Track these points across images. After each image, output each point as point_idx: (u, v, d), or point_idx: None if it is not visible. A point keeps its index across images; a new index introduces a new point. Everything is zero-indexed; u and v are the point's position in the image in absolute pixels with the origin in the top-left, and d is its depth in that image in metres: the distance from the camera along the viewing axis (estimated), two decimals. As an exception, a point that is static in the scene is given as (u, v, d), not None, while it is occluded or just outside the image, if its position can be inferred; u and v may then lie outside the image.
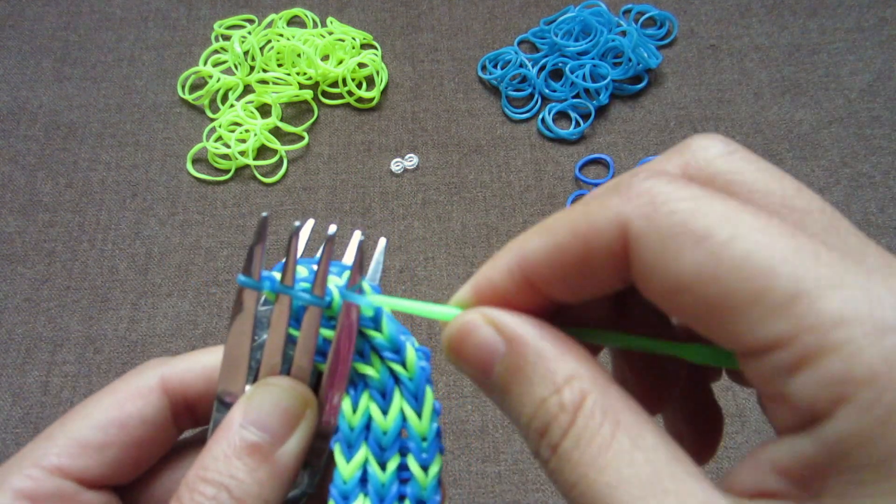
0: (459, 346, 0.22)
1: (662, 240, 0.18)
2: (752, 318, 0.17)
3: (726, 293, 0.17)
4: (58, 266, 0.64)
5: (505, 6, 0.79)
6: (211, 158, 0.69)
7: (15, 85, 0.75)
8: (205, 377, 0.28)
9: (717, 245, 0.17)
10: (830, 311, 0.16)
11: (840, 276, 0.16)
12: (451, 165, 0.68)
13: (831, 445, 0.16)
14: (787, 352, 0.16)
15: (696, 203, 0.18)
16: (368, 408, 0.25)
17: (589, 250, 0.20)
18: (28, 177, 0.69)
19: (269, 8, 0.79)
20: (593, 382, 0.20)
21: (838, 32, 0.76)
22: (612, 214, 0.19)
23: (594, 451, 0.19)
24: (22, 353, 0.59)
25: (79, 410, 0.26)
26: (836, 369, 0.15)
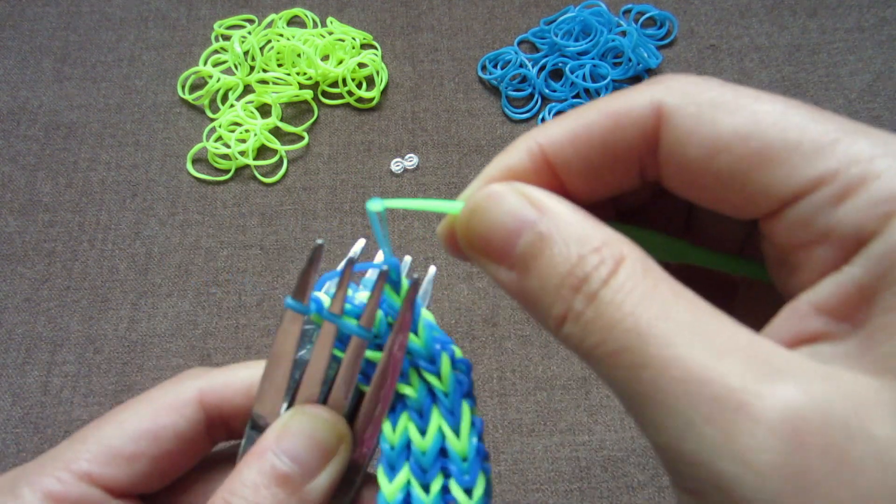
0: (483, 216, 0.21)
1: (700, 108, 0.19)
2: (793, 163, 0.18)
3: (767, 145, 0.18)
4: (58, 266, 0.64)
5: (505, 6, 0.79)
6: (211, 158, 0.69)
7: (15, 85, 0.75)
8: (243, 392, 0.27)
9: (752, 110, 0.19)
10: (868, 149, 0.17)
11: (864, 129, 0.18)
12: (451, 165, 0.68)
13: (881, 259, 0.16)
14: (831, 186, 0.17)
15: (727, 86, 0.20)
16: (407, 428, 0.24)
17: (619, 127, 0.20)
18: (28, 177, 0.69)
19: (269, 8, 0.79)
20: (632, 246, 0.20)
21: (838, 32, 0.76)
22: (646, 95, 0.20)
23: (639, 294, 0.18)
24: (22, 353, 0.59)
25: (115, 415, 0.26)
26: (882, 189, 0.17)
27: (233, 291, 0.62)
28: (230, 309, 0.61)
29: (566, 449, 0.54)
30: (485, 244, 0.21)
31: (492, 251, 0.21)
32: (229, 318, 0.61)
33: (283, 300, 0.61)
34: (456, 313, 0.60)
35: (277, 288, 0.62)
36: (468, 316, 0.60)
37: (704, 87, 0.20)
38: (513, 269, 0.20)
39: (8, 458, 0.55)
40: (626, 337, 0.18)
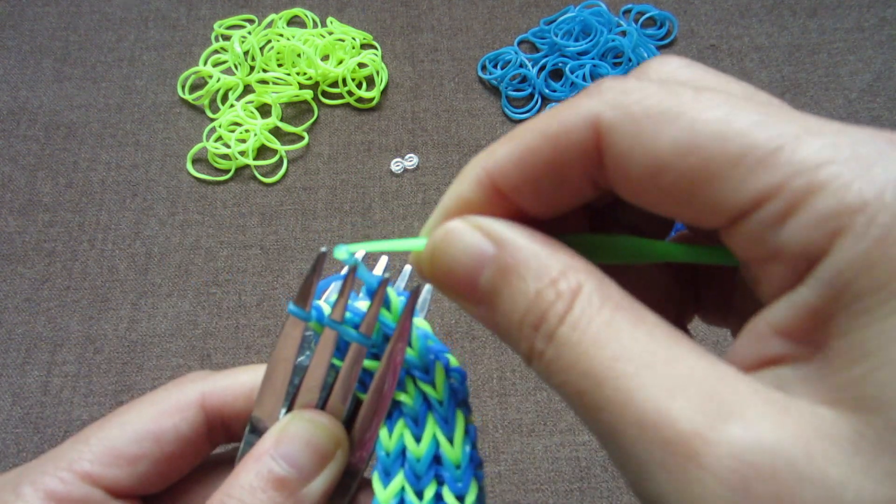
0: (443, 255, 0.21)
1: (636, 124, 0.18)
2: (735, 178, 0.17)
3: (707, 160, 0.17)
4: (58, 266, 0.64)
5: (505, 6, 0.79)
6: (211, 158, 0.69)
7: (15, 85, 0.75)
8: (244, 396, 0.28)
9: (691, 119, 0.17)
10: (813, 155, 0.16)
11: (815, 128, 0.17)
12: (451, 165, 0.68)
13: (832, 281, 0.15)
14: (775, 202, 0.16)
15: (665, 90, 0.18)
16: (402, 435, 0.24)
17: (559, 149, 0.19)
18: (28, 177, 0.69)
19: (269, 8, 0.79)
20: (588, 273, 0.19)
21: (838, 32, 0.76)
22: (581, 111, 0.19)
23: (594, 331, 0.18)
24: (22, 353, 0.59)
25: (117, 416, 0.27)
26: (826, 205, 0.15)
27: (233, 291, 0.62)
28: (230, 309, 0.61)
29: (566, 449, 0.54)
30: (450, 282, 0.21)
31: (458, 289, 0.21)
32: (229, 318, 0.61)
33: (283, 300, 0.61)
34: (456, 313, 0.60)
35: (277, 288, 0.62)
36: (468, 316, 0.60)
37: (640, 95, 0.18)
38: (480, 304, 0.20)
39: (8, 458, 0.55)
40: (583, 381, 0.17)
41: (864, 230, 0.15)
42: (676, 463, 0.16)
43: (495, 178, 0.21)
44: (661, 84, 0.19)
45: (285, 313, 0.27)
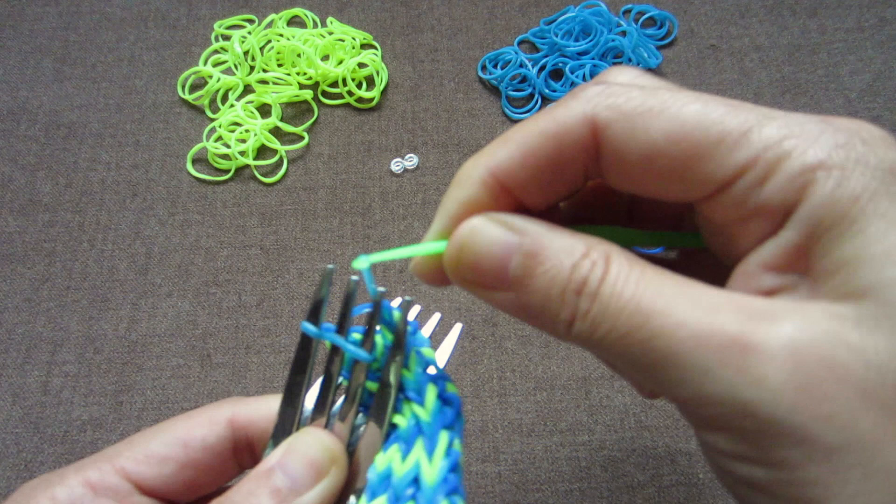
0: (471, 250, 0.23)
1: (630, 120, 0.22)
2: (719, 156, 0.21)
3: (695, 144, 0.21)
4: (58, 266, 0.64)
5: (505, 6, 0.79)
6: (211, 158, 0.69)
7: (15, 85, 0.75)
8: (267, 419, 0.30)
9: (675, 112, 0.21)
10: (775, 133, 0.21)
11: (770, 114, 0.21)
12: (451, 165, 0.68)
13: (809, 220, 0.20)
14: (754, 171, 0.21)
15: (645, 91, 0.22)
16: (392, 457, 0.25)
17: (561, 147, 0.23)
18: (28, 177, 0.69)
19: (269, 8, 0.79)
20: (611, 245, 0.22)
21: (838, 32, 0.76)
22: (577, 112, 0.22)
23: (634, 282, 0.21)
24: (22, 353, 0.59)
25: (161, 425, 0.30)
26: (793, 167, 0.20)
27: (233, 291, 0.62)
28: (230, 309, 0.61)
29: (566, 449, 0.54)
30: (478, 275, 0.23)
31: (486, 280, 0.23)
32: (229, 318, 0.61)
33: (283, 300, 0.61)
34: (456, 313, 0.60)
35: (277, 288, 0.62)
36: (468, 316, 0.60)
37: (627, 97, 0.22)
38: (510, 290, 0.23)
39: (8, 458, 0.55)
40: (633, 319, 0.20)
41: (823, 180, 0.20)
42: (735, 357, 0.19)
43: (501, 176, 0.23)
44: (638, 88, 0.22)
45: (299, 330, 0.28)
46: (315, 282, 0.23)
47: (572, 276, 0.21)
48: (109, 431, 0.56)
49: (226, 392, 0.57)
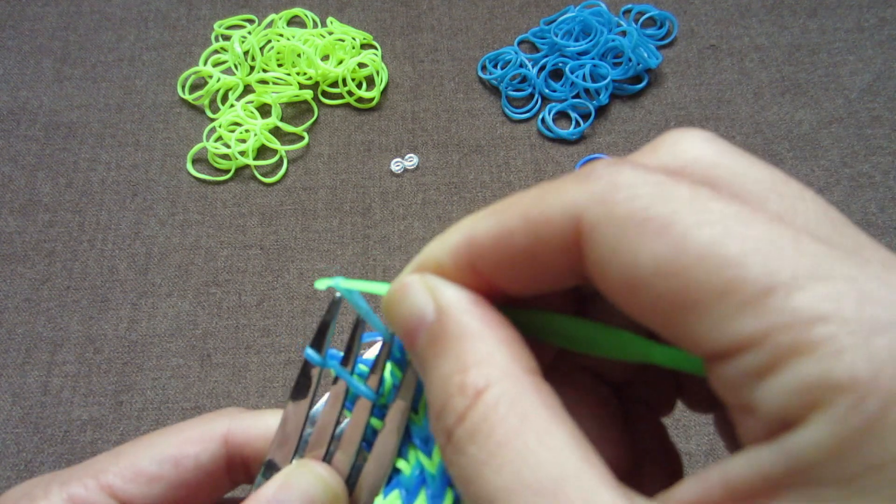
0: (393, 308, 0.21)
1: (619, 229, 0.16)
2: (717, 316, 0.15)
3: (689, 288, 0.15)
4: (58, 266, 0.64)
5: (505, 6, 0.79)
6: (211, 158, 0.69)
7: (15, 85, 0.75)
8: (264, 437, 0.28)
9: (680, 234, 0.15)
10: (809, 306, 0.14)
11: (825, 266, 0.14)
12: (451, 165, 0.68)
13: (796, 457, 0.14)
14: (757, 353, 0.14)
15: (660, 188, 0.16)
16: None
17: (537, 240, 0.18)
18: (28, 177, 0.69)
19: (269, 8, 0.79)
20: (506, 371, 0.18)
21: (838, 32, 0.76)
22: (566, 201, 0.17)
23: (492, 447, 0.17)
24: (22, 353, 0.59)
25: (149, 437, 0.28)
26: (811, 372, 0.14)
27: (233, 291, 0.62)
28: (230, 309, 0.61)
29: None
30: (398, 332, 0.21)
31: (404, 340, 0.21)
32: (229, 318, 0.61)
33: (283, 300, 0.61)
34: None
35: (277, 288, 0.62)
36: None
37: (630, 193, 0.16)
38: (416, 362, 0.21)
39: (8, 458, 0.55)
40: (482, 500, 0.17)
41: (845, 413, 0.13)
42: None
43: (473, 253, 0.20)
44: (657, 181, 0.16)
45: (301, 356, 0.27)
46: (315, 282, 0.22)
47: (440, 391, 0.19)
48: (109, 431, 0.56)
49: (226, 392, 0.57)
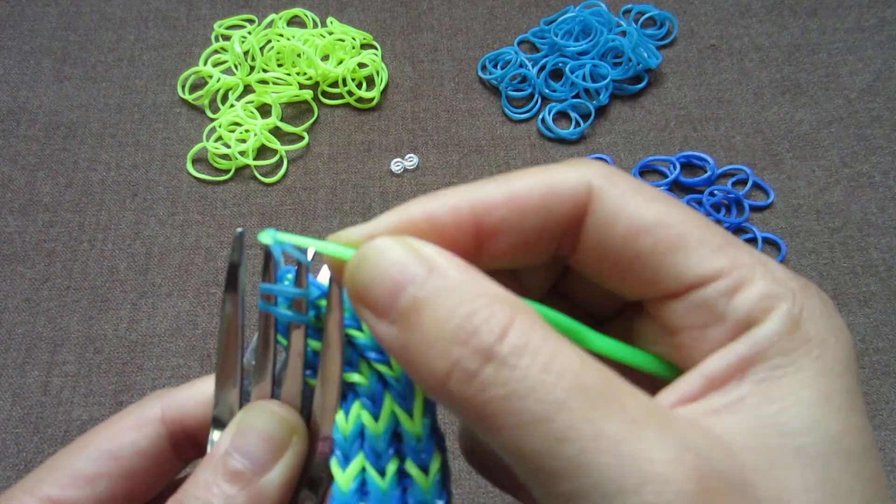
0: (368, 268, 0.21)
1: (624, 192, 0.22)
2: (700, 254, 0.21)
3: (684, 234, 0.21)
4: (58, 266, 0.64)
5: (505, 6, 0.79)
6: (211, 158, 0.69)
7: (15, 85, 0.75)
8: (204, 405, 0.27)
9: (668, 203, 0.22)
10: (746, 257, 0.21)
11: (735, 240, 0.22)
12: (451, 165, 0.68)
13: (759, 341, 0.20)
14: (727, 279, 0.21)
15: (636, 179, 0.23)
16: (360, 415, 0.24)
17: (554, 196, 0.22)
18: (28, 177, 0.69)
19: (269, 8, 0.79)
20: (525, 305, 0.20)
21: (838, 32, 0.76)
22: (577, 171, 0.22)
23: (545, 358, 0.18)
24: (22, 353, 0.59)
25: (79, 441, 0.27)
26: (763, 289, 0.21)
27: (233, 291, 0.62)
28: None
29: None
30: (368, 296, 0.21)
31: (374, 304, 0.20)
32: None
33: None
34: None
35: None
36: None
37: (624, 175, 0.22)
38: (394, 323, 0.20)
39: (8, 458, 0.55)
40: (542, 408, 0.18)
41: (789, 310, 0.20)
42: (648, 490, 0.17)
43: (479, 208, 0.22)
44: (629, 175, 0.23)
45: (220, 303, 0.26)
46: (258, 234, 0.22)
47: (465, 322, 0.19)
48: (109, 431, 0.56)
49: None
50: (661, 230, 0.21)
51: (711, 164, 0.66)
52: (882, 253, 0.63)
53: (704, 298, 0.21)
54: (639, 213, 0.22)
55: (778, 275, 0.21)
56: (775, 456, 0.19)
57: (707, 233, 0.22)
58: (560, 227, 0.22)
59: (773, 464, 0.19)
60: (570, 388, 0.18)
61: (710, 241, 0.21)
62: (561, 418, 0.18)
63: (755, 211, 0.65)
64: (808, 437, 0.19)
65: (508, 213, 0.22)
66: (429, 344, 0.19)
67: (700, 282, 0.21)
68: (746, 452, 0.19)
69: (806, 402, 0.19)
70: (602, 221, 0.22)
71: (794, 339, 0.20)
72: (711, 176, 0.66)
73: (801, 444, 0.19)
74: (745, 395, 0.20)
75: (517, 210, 0.22)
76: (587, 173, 0.22)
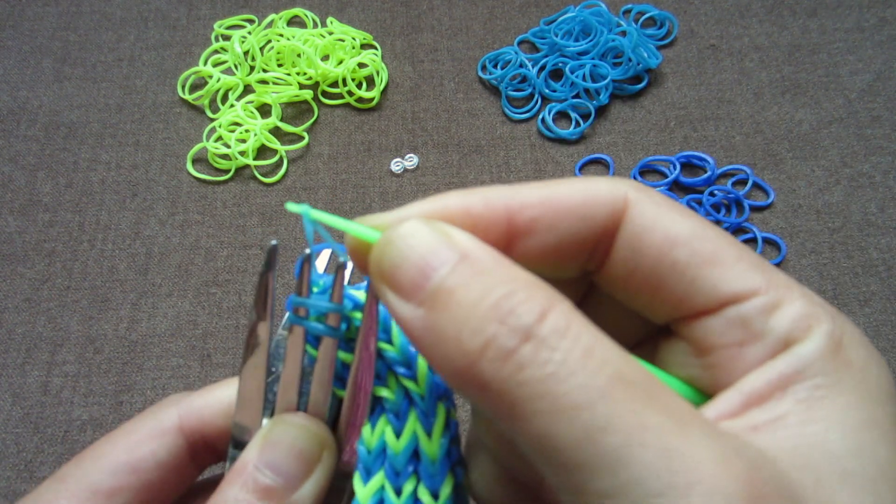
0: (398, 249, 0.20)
1: (659, 207, 0.22)
2: (738, 270, 0.21)
3: (719, 248, 0.21)
4: (58, 266, 0.64)
5: (505, 6, 0.79)
6: (211, 158, 0.69)
7: (15, 85, 0.75)
8: (223, 413, 0.27)
9: (703, 221, 0.22)
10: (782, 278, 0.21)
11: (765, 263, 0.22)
12: (451, 165, 0.68)
13: (800, 359, 0.20)
14: (764, 297, 0.20)
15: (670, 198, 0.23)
16: (384, 431, 0.24)
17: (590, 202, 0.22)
18: (28, 177, 0.69)
19: (269, 8, 0.79)
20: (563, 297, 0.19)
21: (838, 32, 0.76)
22: (612, 184, 0.22)
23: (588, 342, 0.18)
24: (22, 353, 0.59)
25: (94, 450, 0.26)
26: (801, 308, 0.20)
27: (233, 291, 0.62)
28: (230, 309, 0.61)
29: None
30: (396, 276, 0.20)
31: (401, 284, 0.20)
32: (229, 318, 0.61)
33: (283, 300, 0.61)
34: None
35: (277, 288, 0.62)
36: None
37: (657, 192, 0.23)
38: (421, 305, 0.19)
39: (8, 459, 0.55)
40: (583, 394, 0.17)
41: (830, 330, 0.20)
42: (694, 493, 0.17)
43: (515, 207, 0.22)
44: None
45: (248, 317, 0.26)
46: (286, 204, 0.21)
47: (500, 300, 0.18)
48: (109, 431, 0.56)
49: (226, 392, 0.57)
50: (698, 243, 0.21)
51: (711, 164, 0.66)
52: (882, 253, 0.63)
53: (742, 315, 0.21)
54: (675, 225, 0.21)
55: (816, 298, 0.21)
56: (822, 476, 0.18)
57: (743, 252, 0.21)
58: (594, 234, 0.22)
59: (820, 483, 0.18)
60: (613, 377, 0.17)
61: (747, 259, 0.21)
62: (603, 406, 0.17)
63: (755, 211, 0.65)
64: (855, 461, 0.18)
65: (543, 213, 0.22)
66: (461, 322, 0.18)
67: (737, 297, 0.21)
68: (792, 469, 0.18)
69: (851, 426, 0.19)
70: (638, 231, 0.22)
71: (837, 361, 0.20)
72: (711, 176, 0.66)
73: (848, 467, 0.18)
74: (787, 413, 0.19)
75: (552, 210, 0.22)
76: (623, 186, 0.22)
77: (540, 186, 0.22)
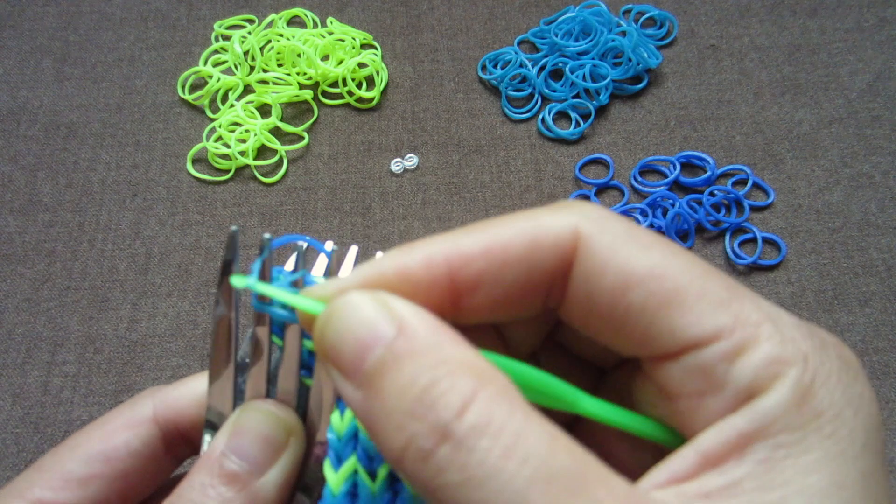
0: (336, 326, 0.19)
1: (615, 239, 0.20)
2: (699, 311, 0.19)
3: (679, 288, 0.19)
4: (58, 266, 0.64)
5: (505, 6, 0.79)
6: (211, 158, 0.69)
7: (15, 85, 0.75)
8: (196, 403, 0.27)
9: (664, 251, 0.20)
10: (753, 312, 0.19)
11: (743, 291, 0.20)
12: (451, 165, 0.68)
13: (763, 415, 0.18)
14: (727, 341, 0.19)
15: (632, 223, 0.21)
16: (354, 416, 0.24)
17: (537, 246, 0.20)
18: (28, 177, 0.69)
19: (269, 8, 0.79)
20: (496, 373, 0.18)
21: (838, 32, 0.76)
22: (562, 218, 0.20)
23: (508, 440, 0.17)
24: (22, 353, 0.59)
25: (70, 442, 0.26)
26: (769, 352, 0.18)
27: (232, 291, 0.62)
28: (230, 309, 0.61)
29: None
30: (336, 356, 0.19)
31: (341, 364, 0.19)
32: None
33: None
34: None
35: (277, 288, 0.62)
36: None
37: (616, 220, 0.20)
38: (360, 388, 0.19)
39: (8, 458, 0.55)
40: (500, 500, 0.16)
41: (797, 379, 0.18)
42: None
43: (456, 262, 0.20)
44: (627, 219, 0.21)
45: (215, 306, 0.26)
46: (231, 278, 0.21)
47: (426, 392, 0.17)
48: (109, 431, 0.56)
49: (226, 392, 0.57)
50: (655, 283, 0.19)
51: (711, 164, 0.66)
52: (882, 253, 0.63)
53: (702, 362, 0.19)
54: (630, 263, 0.19)
55: (788, 333, 0.19)
56: None
57: (708, 285, 0.19)
58: (545, 279, 0.21)
59: None
60: (534, 476, 0.16)
61: (712, 294, 0.19)
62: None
63: (755, 211, 0.65)
64: None
65: (487, 266, 0.20)
66: (388, 415, 0.18)
67: (697, 343, 0.19)
68: None
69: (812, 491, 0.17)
70: (589, 272, 0.20)
71: (803, 413, 0.18)
72: (711, 176, 0.66)
73: None
74: (743, 478, 0.17)
75: (496, 263, 0.20)
76: (573, 219, 0.20)
77: (482, 233, 0.20)
